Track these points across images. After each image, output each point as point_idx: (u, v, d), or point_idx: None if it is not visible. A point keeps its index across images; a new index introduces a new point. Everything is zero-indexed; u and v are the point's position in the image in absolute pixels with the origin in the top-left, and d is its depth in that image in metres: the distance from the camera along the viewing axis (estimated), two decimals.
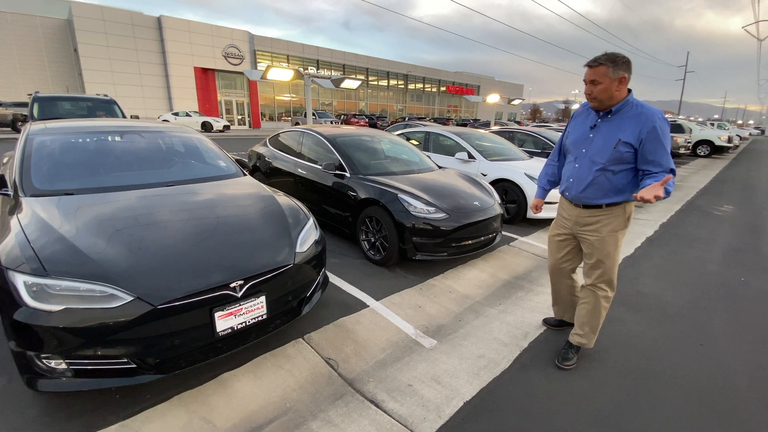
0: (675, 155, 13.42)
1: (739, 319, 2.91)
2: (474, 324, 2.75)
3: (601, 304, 2.16)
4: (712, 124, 25.35)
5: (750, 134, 35.65)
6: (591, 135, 2.00)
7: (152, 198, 2.45)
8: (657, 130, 1.80)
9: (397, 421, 1.83)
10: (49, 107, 7.20)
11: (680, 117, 35.09)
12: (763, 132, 44.64)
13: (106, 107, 7.70)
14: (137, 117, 8.62)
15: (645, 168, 1.86)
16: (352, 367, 2.22)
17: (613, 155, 1.90)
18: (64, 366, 1.69)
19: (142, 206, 2.34)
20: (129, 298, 1.68)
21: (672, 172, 1.79)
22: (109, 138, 3.08)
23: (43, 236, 1.88)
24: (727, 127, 24.23)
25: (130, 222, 2.14)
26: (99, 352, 1.69)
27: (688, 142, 15.07)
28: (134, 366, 1.74)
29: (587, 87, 1.93)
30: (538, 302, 3.07)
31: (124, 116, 7.88)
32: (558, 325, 2.65)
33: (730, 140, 16.46)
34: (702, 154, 16.25)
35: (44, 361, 1.69)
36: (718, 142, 16.11)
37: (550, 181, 2.44)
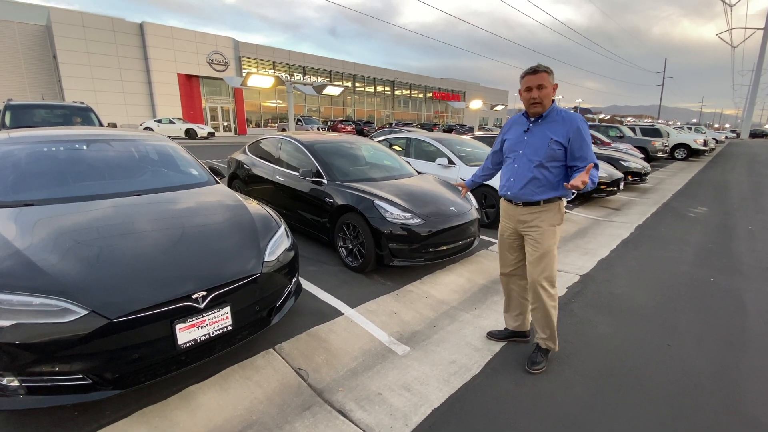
0: (653, 158, 13.77)
1: (706, 319, 2.98)
2: (448, 329, 2.75)
3: (547, 303, 2.20)
4: (690, 128, 26.11)
5: (726, 137, 36.78)
6: (525, 138, 2.21)
7: (116, 208, 2.40)
8: (580, 130, 2.07)
9: (363, 431, 1.81)
10: (23, 115, 7.01)
11: (659, 121, 36.06)
12: (738, 135, 46.12)
13: (82, 114, 7.53)
14: (114, 125, 8.45)
15: (573, 164, 2.10)
16: (323, 377, 2.19)
17: (548, 153, 2.11)
18: (16, 383, 1.63)
19: (104, 217, 2.28)
20: (83, 312, 1.63)
21: (595, 166, 2.01)
22: (76, 147, 3.01)
23: None
24: (704, 131, 24.97)
25: (90, 233, 2.10)
26: (53, 368, 1.63)
27: (666, 146, 15.47)
28: (90, 382, 1.69)
29: (533, 92, 2.10)
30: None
31: (101, 124, 7.73)
32: (505, 338, 2.59)
33: (706, 143, 16.96)
34: (679, 157, 16.69)
35: None
36: (694, 146, 16.57)
37: (480, 176, 2.76)
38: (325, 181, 4.02)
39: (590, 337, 2.66)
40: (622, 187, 7.45)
